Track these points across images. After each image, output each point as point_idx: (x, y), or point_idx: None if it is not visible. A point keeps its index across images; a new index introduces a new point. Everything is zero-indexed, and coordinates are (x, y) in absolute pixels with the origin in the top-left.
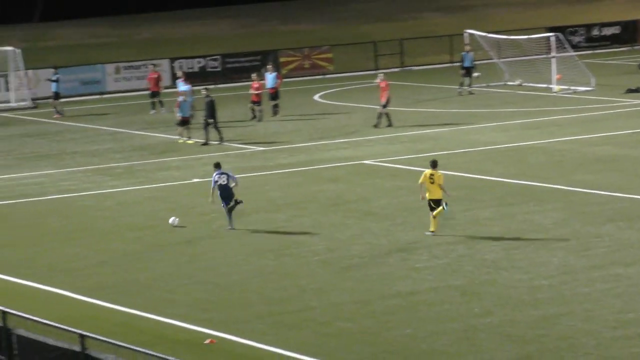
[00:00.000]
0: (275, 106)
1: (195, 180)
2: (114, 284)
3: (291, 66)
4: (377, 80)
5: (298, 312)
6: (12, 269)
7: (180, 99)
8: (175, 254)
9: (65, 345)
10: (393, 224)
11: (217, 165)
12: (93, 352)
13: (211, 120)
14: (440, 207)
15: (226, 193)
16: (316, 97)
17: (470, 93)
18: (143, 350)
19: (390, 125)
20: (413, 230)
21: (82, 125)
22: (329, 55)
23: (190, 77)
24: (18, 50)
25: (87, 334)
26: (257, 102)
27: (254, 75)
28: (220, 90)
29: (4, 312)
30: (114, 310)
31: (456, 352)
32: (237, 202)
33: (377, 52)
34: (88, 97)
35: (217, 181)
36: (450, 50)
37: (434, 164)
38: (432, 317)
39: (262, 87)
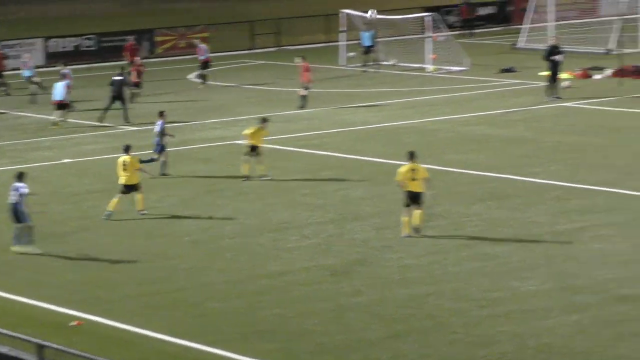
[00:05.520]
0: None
1: (66, 160)
2: None
3: (167, 45)
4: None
5: (168, 293)
6: None
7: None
8: (44, 235)
9: None
10: (265, 204)
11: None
12: None
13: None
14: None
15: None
16: (190, 76)
17: (364, 71)
18: (7, 332)
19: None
20: (284, 211)
21: None
22: (205, 34)
23: (64, 57)
24: None
25: None
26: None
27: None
28: (95, 69)
29: None
30: None
31: (325, 331)
32: None
33: (254, 32)
34: None
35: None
36: (326, 30)
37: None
38: (302, 297)
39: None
